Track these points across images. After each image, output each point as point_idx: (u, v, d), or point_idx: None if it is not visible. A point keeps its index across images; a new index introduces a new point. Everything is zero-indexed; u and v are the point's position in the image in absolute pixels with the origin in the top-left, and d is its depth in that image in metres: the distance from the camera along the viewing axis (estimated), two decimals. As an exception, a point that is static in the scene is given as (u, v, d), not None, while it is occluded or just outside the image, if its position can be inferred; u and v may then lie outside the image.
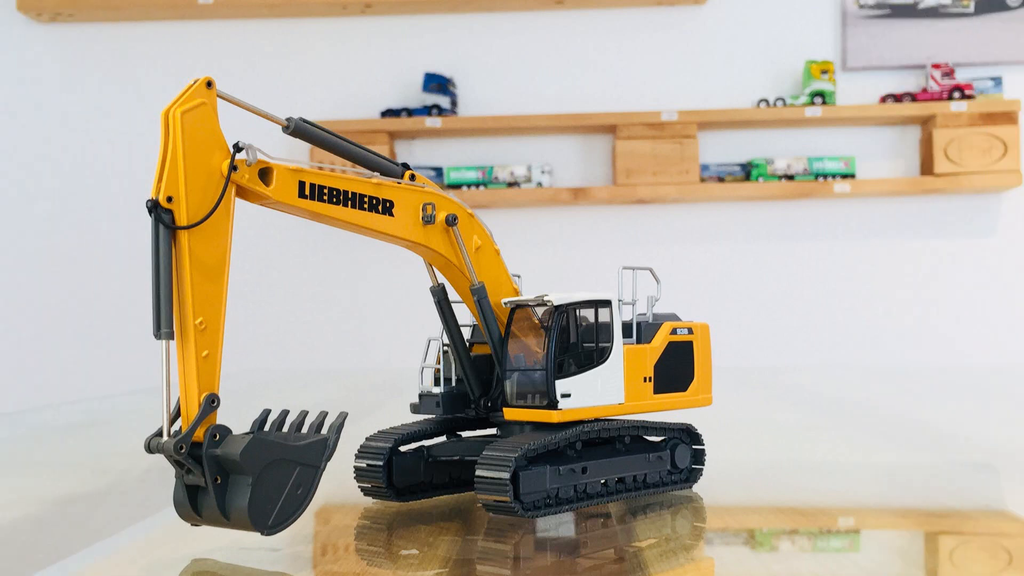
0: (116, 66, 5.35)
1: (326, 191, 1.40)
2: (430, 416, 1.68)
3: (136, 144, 5.26)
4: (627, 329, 1.64)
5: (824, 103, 5.10)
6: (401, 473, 1.61)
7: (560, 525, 1.51)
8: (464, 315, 1.66)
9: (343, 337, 5.30)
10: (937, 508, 1.72)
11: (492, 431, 1.68)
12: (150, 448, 1.28)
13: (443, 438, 1.69)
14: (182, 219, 1.26)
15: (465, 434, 1.70)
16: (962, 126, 5.03)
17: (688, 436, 1.72)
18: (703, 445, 1.74)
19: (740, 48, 5.29)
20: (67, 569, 1.35)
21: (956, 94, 5.07)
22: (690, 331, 1.71)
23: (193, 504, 1.31)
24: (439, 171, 5.16)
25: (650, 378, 1.64)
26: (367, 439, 1.64)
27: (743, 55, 5.29)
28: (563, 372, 1.52)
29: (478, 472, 1.45)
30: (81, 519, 1.72)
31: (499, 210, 5.16)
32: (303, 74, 5.33)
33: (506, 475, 1.42)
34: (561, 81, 5.30)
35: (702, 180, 5.14)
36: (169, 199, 1.25)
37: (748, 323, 5.20)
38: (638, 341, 1.64)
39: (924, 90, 5.12)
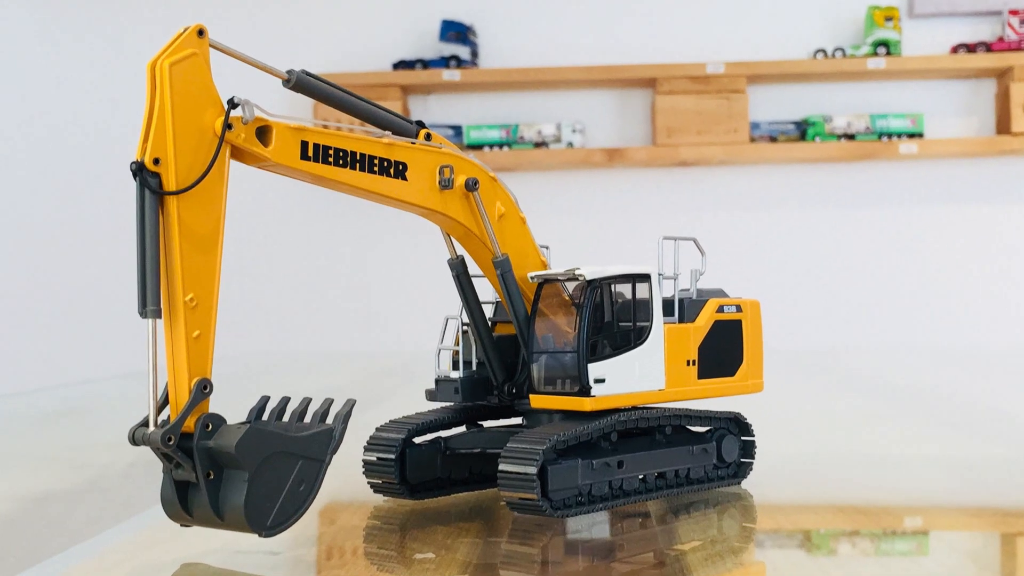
0: (98, 14, 5.35)
1: (331, 152, 1.39)
2: (448, 404, 1.68)
3: (120, 100, 5.26)
4: (668, 307, 1.63)
5: (888, 54, 5.05)
6: (415, 468, 1.62)
7: (593, 526, 1.51)
8: (486, 291, 1.65)
9: (351, 316, 5.31)
10: (1014, 507, 1.71)
11: (517, 420, 1.68)
12: (135, 440, 1.28)
13: (462, 428, 1.69)
14: (171, 183, 1.25)
15: (487, 424, 1.70)
16: (1044, 79, 4.99)
17: (736, 426, 1.71)
18: (753, 436, 1.73)
19: (795, -9, 5.26)
20: (43, 574, 1.36)
21: (1038, 43, 5.03)
22: (738, 309, 1.71)
23: (183, 502, 1.31)
24: (458, 130, 5.15)
25: (694, 361, 1.63)
26: (377, 430, 1.64)
27: (798, 0, 5.25)
28: (597, 355, 1.52)
29: (501, 466, 1.45)
30: (58, 519, 1.73)
31: (525, 173, 5.15)
32: (306, 21, 5.32)
33: (533, 470, 1.42)
34: (595, 29, 5.27)
35: (752, 140, 5.11)
36: (156, 161, 1.25)
37: (803, 300, 5.17)
38: (680, 320, 1.64)
39: (1000, 39, 5.07)
